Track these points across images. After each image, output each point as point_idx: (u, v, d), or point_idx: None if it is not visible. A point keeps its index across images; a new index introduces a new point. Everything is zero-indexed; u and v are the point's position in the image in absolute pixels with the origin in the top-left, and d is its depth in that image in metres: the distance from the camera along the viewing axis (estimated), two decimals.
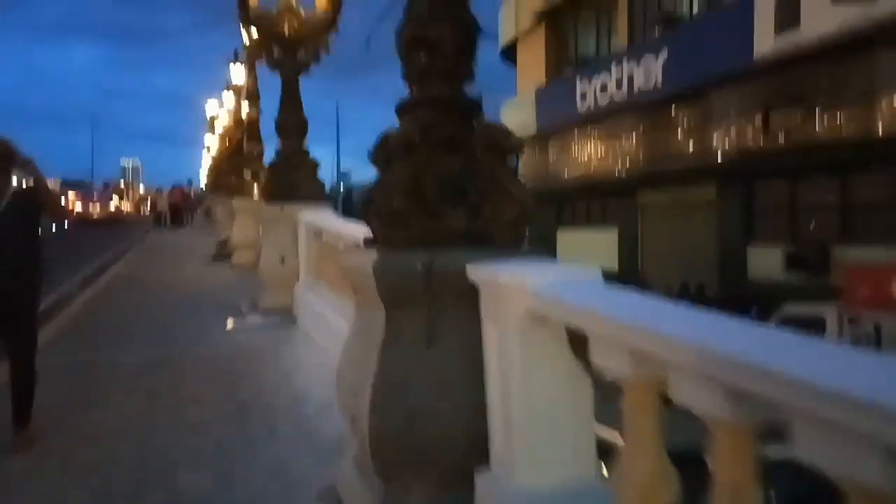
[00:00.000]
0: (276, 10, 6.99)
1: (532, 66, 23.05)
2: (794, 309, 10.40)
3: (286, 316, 6.83)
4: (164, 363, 5.51)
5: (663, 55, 16.23)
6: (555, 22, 21.71)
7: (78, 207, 45.86)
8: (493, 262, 2.15)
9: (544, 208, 22.51)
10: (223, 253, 12.95)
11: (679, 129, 15.98)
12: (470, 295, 2.20)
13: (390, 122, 2.63)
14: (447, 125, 2.41)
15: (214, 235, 20.30)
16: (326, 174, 61.09)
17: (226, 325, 7.04)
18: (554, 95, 21.13)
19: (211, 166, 37.82)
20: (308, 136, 7.29)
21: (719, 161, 14.56)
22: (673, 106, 16.15)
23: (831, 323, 10.10)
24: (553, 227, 21.85)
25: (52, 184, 42.45)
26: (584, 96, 19.56)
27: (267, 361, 5.54)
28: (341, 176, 53.13)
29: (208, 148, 37.79)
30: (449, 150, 2.39)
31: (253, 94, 11.29)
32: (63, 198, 46.77)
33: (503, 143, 2.45)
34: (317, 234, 6.31)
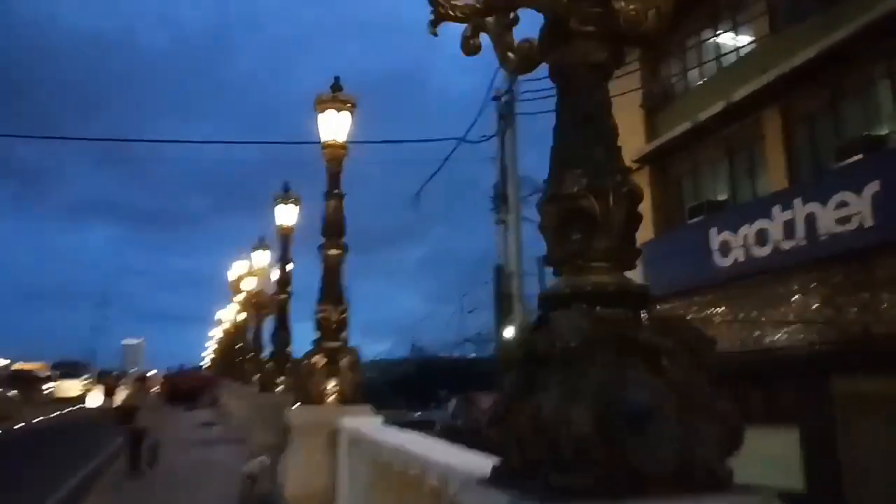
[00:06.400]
0: None
1: None
2: None
3: None
4: None
5: (871, 188, 11.81)
6: (664, 165, 17.77)
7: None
8: None
9: None
10: (255, 500, 7.30)
11: None
12: None
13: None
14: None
15: (230, 440, 14.57)
16: None
17: None
18: (673, 251, 16.53)
19: (221, 343, 32.76)
20: None
21: None
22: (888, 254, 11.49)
23: None
24: None
25: (41, 367, 38.41)
26: (725, 249, 14.98)
27: None
28: None
29: (219, 321, 32.94)
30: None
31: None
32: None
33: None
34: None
